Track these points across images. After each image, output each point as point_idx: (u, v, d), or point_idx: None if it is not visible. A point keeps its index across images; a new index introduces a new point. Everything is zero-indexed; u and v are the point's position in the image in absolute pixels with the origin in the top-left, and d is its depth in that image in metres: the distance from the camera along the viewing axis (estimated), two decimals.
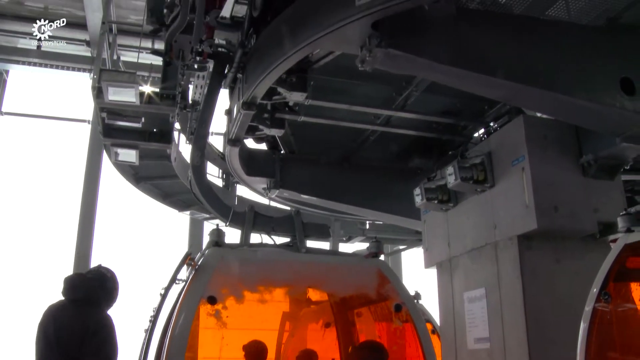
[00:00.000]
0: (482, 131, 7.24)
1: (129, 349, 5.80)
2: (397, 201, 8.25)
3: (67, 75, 14.73)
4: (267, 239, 5.46)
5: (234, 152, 7.34)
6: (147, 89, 7.34)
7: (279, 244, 5.45)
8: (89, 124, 14.61)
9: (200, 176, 7.05)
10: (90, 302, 4.85)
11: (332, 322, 6.18)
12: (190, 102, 7.58)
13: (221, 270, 4.93)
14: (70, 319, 4.75)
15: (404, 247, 14.88)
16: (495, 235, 5.84)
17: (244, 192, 10.93)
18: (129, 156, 8.43)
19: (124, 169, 10.47)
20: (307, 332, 6.60)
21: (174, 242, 14.93)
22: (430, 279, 7.28)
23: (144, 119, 7.66)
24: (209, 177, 10.52)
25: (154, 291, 5.38)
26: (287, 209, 9.74)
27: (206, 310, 4.92)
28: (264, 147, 8.23)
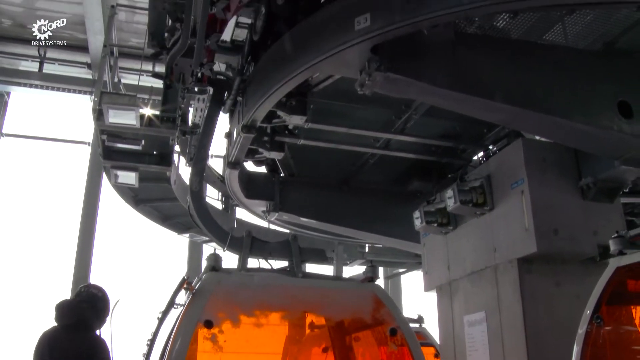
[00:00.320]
0: (481, 154, 7.26)
1: None
2: (397, 224, 8.24)
3: (68, 97, 14.81)
4: (265, 264, 5.45)
5: (233, 175, 7.35)
6: (148, 112, 7.37)
7: (276, 268, 5.46)
8: (89, 146, 14.65)
9: (198, 201, 7.06)
10: (82, 326, 4.88)
11: (330, 347, 6.14)
12: (190, 124, 7.60)
13: (218, 294, 4.93)
14: (63, 344, 4.77)
15: (403, 271, 14.83)
16: (495, 258, 5.83)
17: (244, 214, 10.92)
18: (129, 178, 8.43)
19: (124, 191, 10.48)
20: (304, 356, 6.55)
21: (173, 264, 14.89)
22: (431, 302, 7.26)
23: (144, 142, 7.68)
24: (209, 199, 10.51)
25: (153, 314, 5.36)
26: (287, 231, 9.72)
27: (203, 334, 4.91)
28: (263, 170, 8.24)
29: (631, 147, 5.02)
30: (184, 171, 10.04)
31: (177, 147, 9.17)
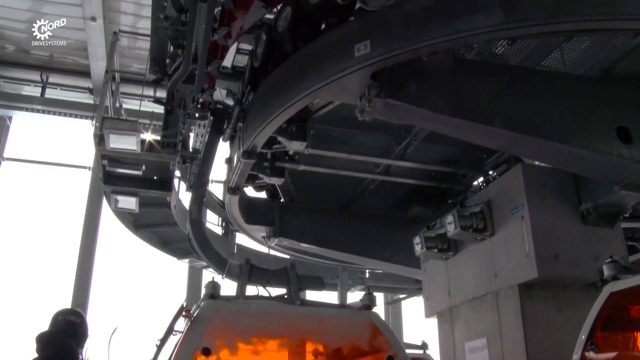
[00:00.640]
0: (481, 180, 7.28)
1: None
2: (397, 250, 8.22)
3: (69, 122, 14.86)
4: (263, 291, 5.46)
5: (233, 201, 7.36)
6: (149, 137, 7.40)
7: (274, 296, 5.47)
8: (89, 170, 14.67)
9: (198, 229, 7.07)
10: (64, 357, 4.86)
11: None
12: (191, 150, 7.63)
13: (216, 322, 4.92)
14: None
15: (404, 296, 14.72)
16: (496, 284, 5.81)
17: (244, 240, 10.89)
18: (129, 203, 8.44)
19: (124, 216, 10.46)
20: None
21: (173, 290, 14.80)
22: (433, 328, 7.20)
23: (144, 167, 7.70)
24: (209, 225, 10.49)
25: (151, 341, 5.32)
26: (287, 257, 9.69)
27: None
28: (263, 195, 8.25)
29: (630, 172, 5.03)
30: (184, 196, 10.05)
31: (177, 172, 9.20)
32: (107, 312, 13.03)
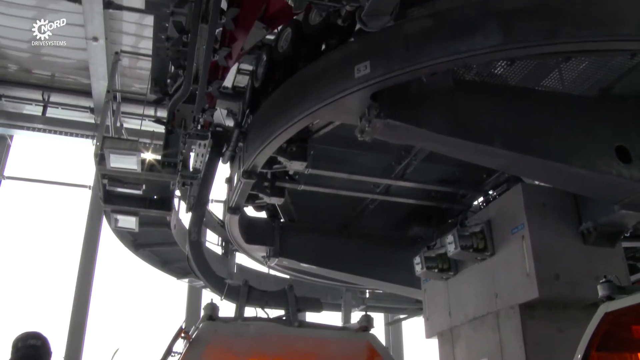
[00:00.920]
0: (481, 199, 7.29)
1: None
2: (397, 270, 8.20)
3: (70, 141, 14.88)
4: (262, 312, 5.45)
5: (233, 220, 7.36)
6: (149, 156, 7.41)
7: (272, 317, 5.47)
8: (89, 189, 14.66)
9: (197, 251, 7.07)
10: None
11: None
12: (191, 169, 7.64)
13: (215, 344, 4.92)
14: None
15: (404, 317, 14.64)
16: (496, 304, 5.78)
17: (244, 260, 10.85)
18: (129, 223, 8.41)
19: (123, 235, 10.43)
20: None
21: (172, 309, 14.73)
22: (434, 349, 7.16)
23: (144, 186, 7.69)
24: (209, 244, 10.47)
25: None
26: (287, 277, 9.66)
27: None
28: (263, 215, 8.24)
29: (630, 191, 5.04)
30: (184, 216, 10.04)
31: (177, 192, 9.20)
32: (106, 332, 12.97)
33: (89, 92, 13.99)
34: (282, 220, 8.24)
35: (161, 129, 7.68)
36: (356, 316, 12.33)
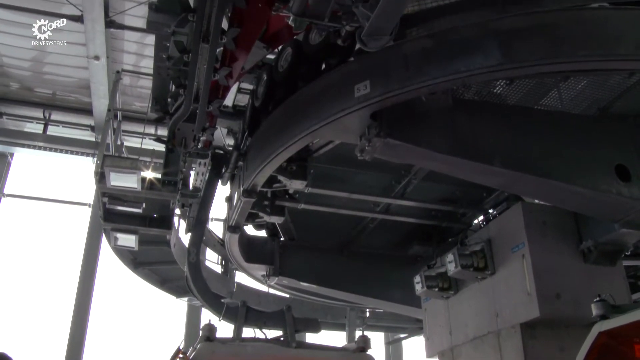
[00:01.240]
0: (481, 218, 7.28)
1: None
2: (397, 289, 8.17)
3: (70, 159, 14.91)
4: (260, 333, 5.44)
5: (233, 239, 7.34)
6: (149, 175, 7.41)
7: (270, 338, 5.45)
8: (89, 207, 14.65)
9: (196, 272, 7.05)
10: None
11: None
12: (191, 188, 7.64)
13: None
14: None
15: (405, 336, 14.55)
16: (497, 323, 5.75)
17: (243, 279, 10.82)
18: (129, 241, 8.39)
19: (123, 253, 10.40)
20: None
21: (171, 328, 14.65)
22: None
23: (144, 205, 7.69)
24: (208, 263, 10.45)
25: None
26: (286, 296, 9.62)
27: None
28: (263, 234, 8.23)
29: (630, 210, 5.04)
30: (184, 235, 10.02)
31: (177, 211, 9.20)
32: (104, 350, 12.89)
33: (90, 111, 14.05)
34: (282, 239, 8.22)
35: (161, 147, 7.70)
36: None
